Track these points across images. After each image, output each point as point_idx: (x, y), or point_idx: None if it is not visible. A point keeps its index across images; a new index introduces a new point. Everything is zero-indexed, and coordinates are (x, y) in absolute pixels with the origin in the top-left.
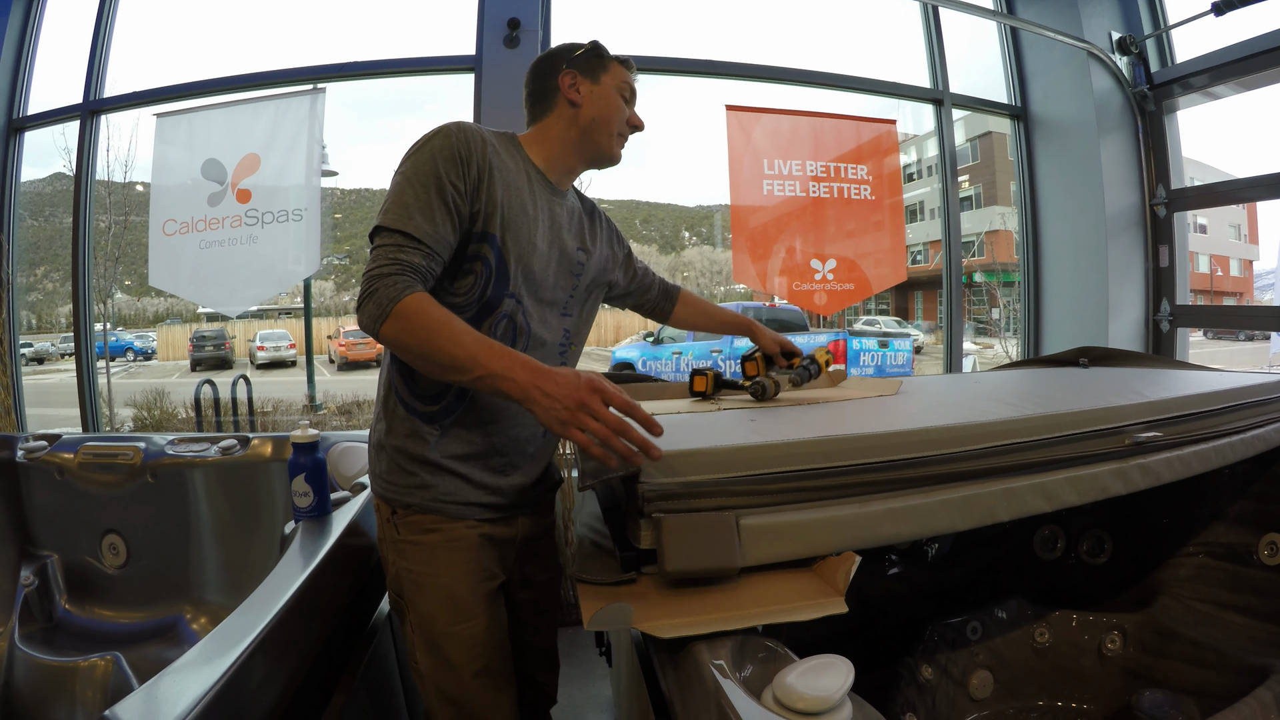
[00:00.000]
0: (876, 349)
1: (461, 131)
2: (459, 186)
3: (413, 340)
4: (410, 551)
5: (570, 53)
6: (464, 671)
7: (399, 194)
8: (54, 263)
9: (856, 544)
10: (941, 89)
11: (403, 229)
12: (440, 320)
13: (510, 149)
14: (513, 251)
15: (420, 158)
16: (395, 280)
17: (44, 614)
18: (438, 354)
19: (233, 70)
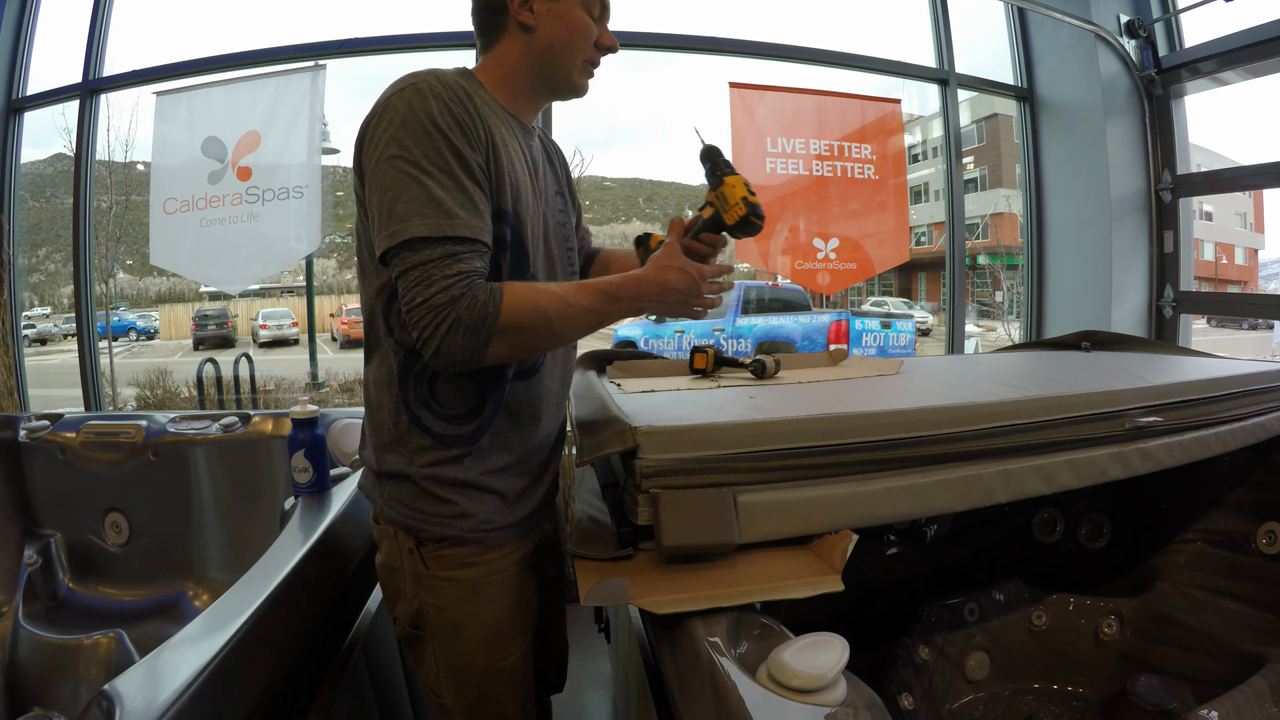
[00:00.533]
0: (879, 329)
1: (449, 88)
2: (478, 160)
3: (533, 342)
4: (445, 589)
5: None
6: (507, 705)
7: (421, 189)
8: (56, 244)
9: (854, 522)
10: (947, 69)
11: (452, 234)
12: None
13: (478, 90)
14: (527, 225)
15: (422, 134)
16: (474, 296)
17: (47, 592)
18: (567, 338)
19: (233, 47)
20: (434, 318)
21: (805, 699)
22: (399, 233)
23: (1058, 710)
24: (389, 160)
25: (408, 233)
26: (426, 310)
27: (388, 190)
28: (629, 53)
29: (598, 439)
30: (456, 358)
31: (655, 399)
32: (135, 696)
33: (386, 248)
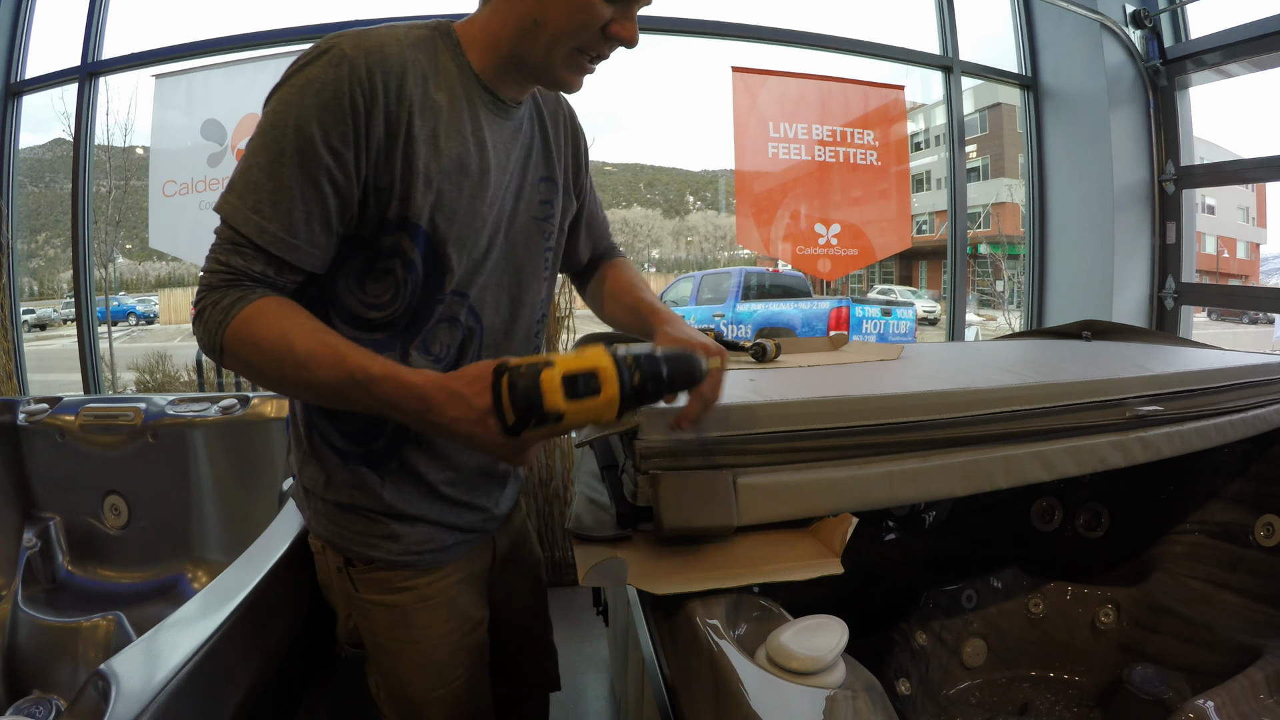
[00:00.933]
0: (879, 316)
1: (361, 55)
2: (343, 157)
3: (263, 382)
4: (375, 614)
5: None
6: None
7: (247, 164)
8: (55, 229)
9: (854, 506)
10: (951, 56)
11: (240, 229)
12: (282, 354)
13: (442, 56)
14: (452, 238)
15: (284, 103)
16: (222, 295)
17: (47, 575)
18: (311, 399)
19: (232, 29)
20: (197, 297)
21: (804, 681)
22: (218, 200)
23: (1053, 698)
24: (260, 119)
25: (217, 205)
26: (198, 287)
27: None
28: None
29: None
30: (201, 347)
31: None
32: (131, 676)
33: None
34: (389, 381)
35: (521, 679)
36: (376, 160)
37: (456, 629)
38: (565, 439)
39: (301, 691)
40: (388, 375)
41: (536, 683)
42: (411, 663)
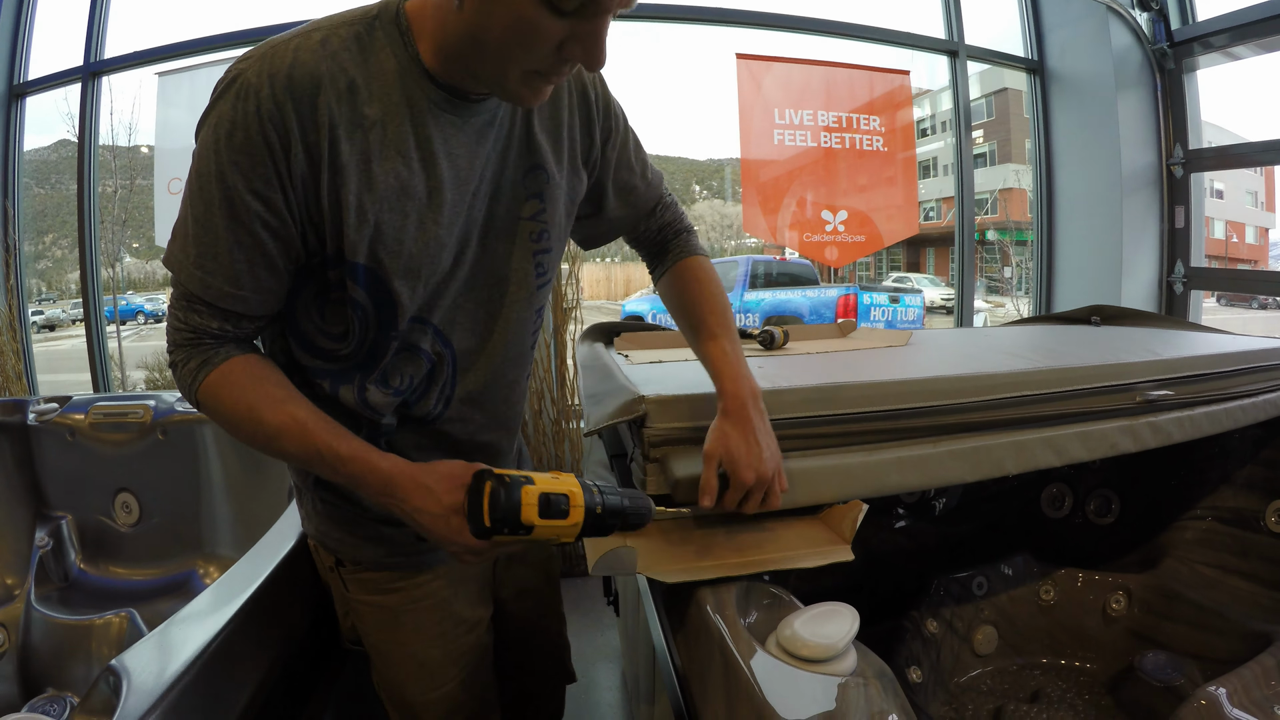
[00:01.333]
0: (887, 304)
1: (267, 83)
2: (271, 200)
3: (239, 439)
4: (366, 614)
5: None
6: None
7: (184, 213)
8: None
9: (864, 492)
10: (957, 40)
11: (188, 285)
12: (252, 423)
13: (379, 54)
14: (398, 271)
15: (205, 147)
16: (186, 358)
17: (59, 574)
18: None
19: (234, 26)
20: (168, 347)
21: (815, 668)
22: (165, 251)
23: (1065, 685)
24: (191, 160)
25: (166, 254)
26: (167, 332)
27: (184, 190)
28: (634, 24)
29: (605, 409)
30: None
31: (663, 369)
32: (142, 671)
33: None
34: (356, 463)
35: (535, 674)
36: (305, 196)
37: (449, 630)
38: (574, 429)
39: (312, 684)
40: (354, 457)
41: (550, 677)
42: (403, 663)
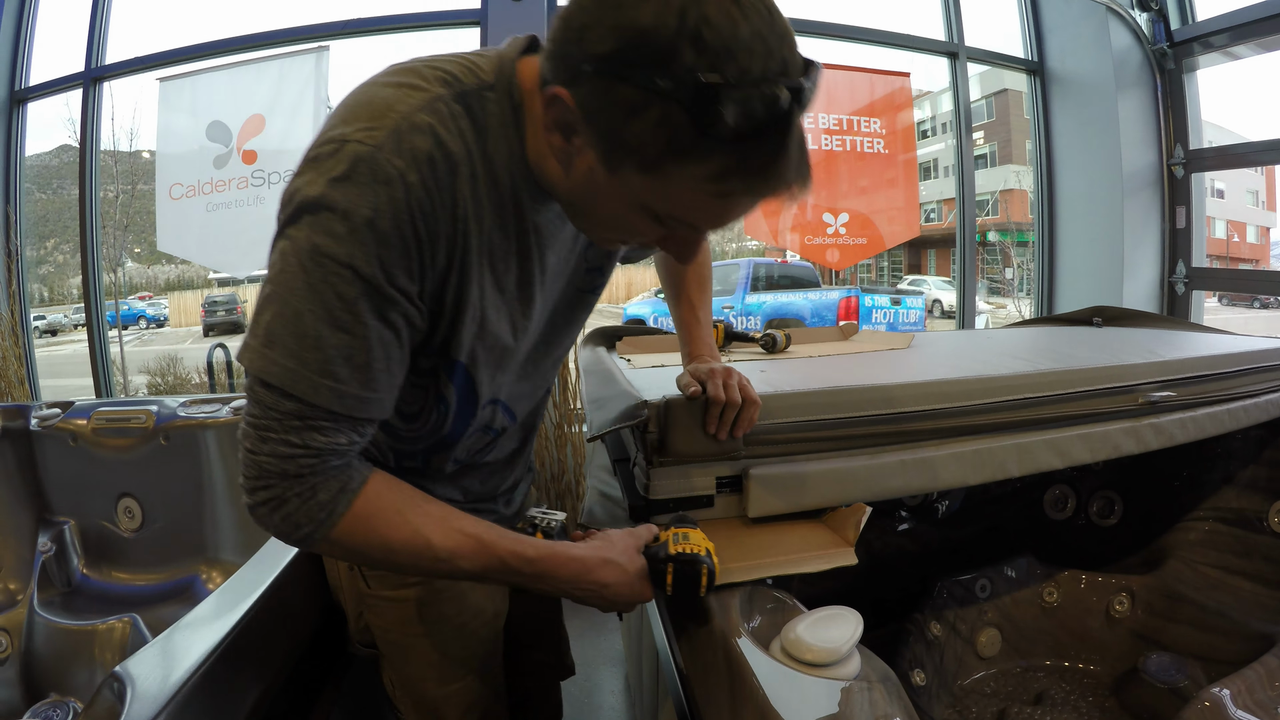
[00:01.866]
0: (889, 306)
1: (413, 168)
2: (409, 291)
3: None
4: (385, 610)
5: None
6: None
7: (292, 312)
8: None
9: (867, 496)
10: (957, 42)
11: (311, 399)
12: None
13: (491, 137)
14: (489, 362)
15: (325, 234)
16: (311, 490)
17: (62, 579)
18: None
19: (235, 31)
20: (255, 478)
21: (819, 673)
22: (255, 357)
23: (1068, 687)
24: (292, 241)
25: (259, 366)
26: (251, 464)
27: (272, 280)
28: None
29: (608, 414)
30: (265, 528)
31: (665, 373)
32: (146, 677)
33: (239, 358)
34: (544, 562)
35: (535, 667)
36: (434, 289)
37: (469, 622)
38: (576, 434)
39: (317, 690)
40: (542, 556)
41: (550, 669)
42: (423, 657)
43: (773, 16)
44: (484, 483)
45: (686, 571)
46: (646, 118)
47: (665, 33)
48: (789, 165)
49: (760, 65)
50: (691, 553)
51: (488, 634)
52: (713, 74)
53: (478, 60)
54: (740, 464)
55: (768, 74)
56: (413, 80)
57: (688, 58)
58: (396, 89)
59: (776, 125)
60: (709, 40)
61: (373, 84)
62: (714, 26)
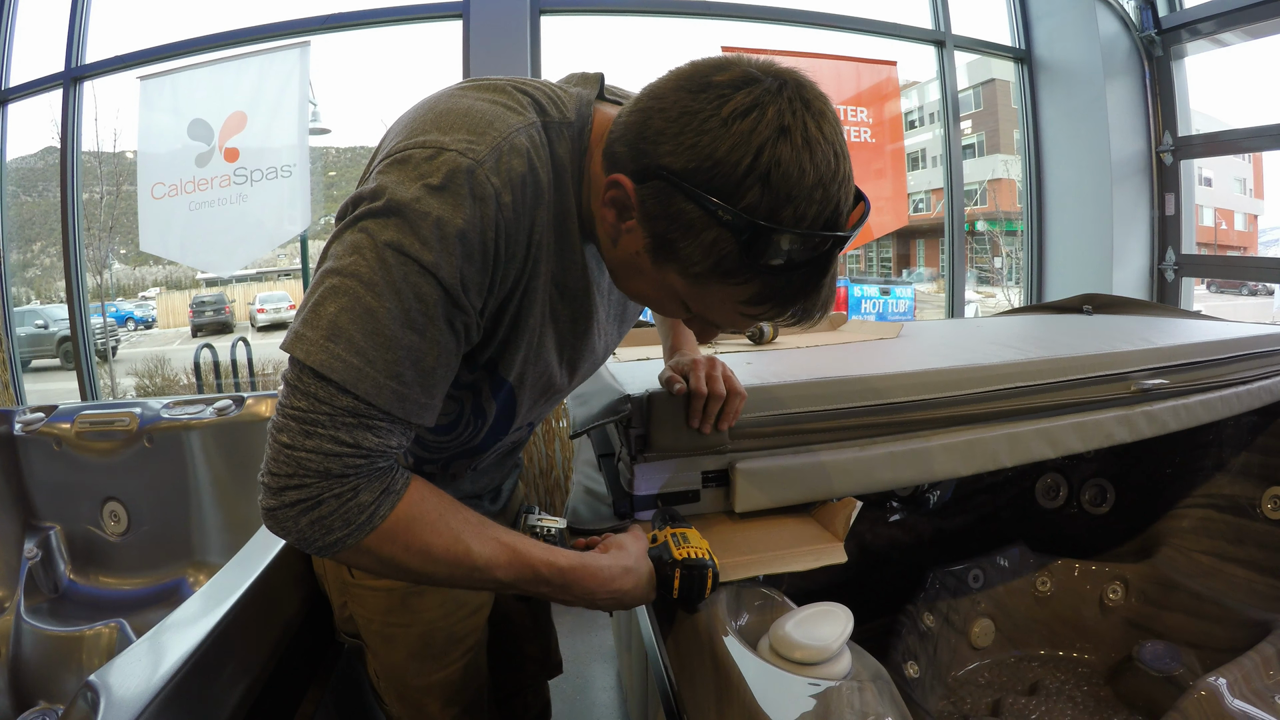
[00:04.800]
0: (878, 295)
1: (507, 188)
2: (477, 306)
3: (394, 574)
4: (370, 599)
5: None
6: (442, 717)
7: (364, 308)
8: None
9: (857, 489)
10: (944, 30)
11: (373, 400)
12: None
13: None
14: (532, 390)
15: (412, 236)
16: (353, 491)
17: (49, 585)
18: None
19: (215, 27)
20: (288, 475)
21: (808, 672)
22: (315, 349)
23: (1063, 677)
24: (373, 236)
25: (320, 359)
26: (288, 460)
27: (339, 271)
28: (619, 18)
29: (591, 409)
30: (284, 534)
31: (649, 366)
32: (122, 685)
33: (284, 346)
34: (575, 571)
35: (522, 662)
36: (499, 308)
37: (453, 612)
38: (564, 429)
39: (306, 682)
40: (573, 566)
41: (538, 665)
42: (407, 647)
43: (839, 163)
44: (474, 481)
45: (694, 576)
46: (701, 238)
47: (739, 167)
48: (819, 300)
49: (816, 211)
50: (697, 557)
51: (471, 626)
52: (772, 218)
53: (560, 94)
54: (726, 458)
55: (820, 220)
56: (507, 101)
57: (752, 195)
58: (493, 105)
59: (817, 265)
60: (775, 183)
61: (462, 95)
62: (783, 170)
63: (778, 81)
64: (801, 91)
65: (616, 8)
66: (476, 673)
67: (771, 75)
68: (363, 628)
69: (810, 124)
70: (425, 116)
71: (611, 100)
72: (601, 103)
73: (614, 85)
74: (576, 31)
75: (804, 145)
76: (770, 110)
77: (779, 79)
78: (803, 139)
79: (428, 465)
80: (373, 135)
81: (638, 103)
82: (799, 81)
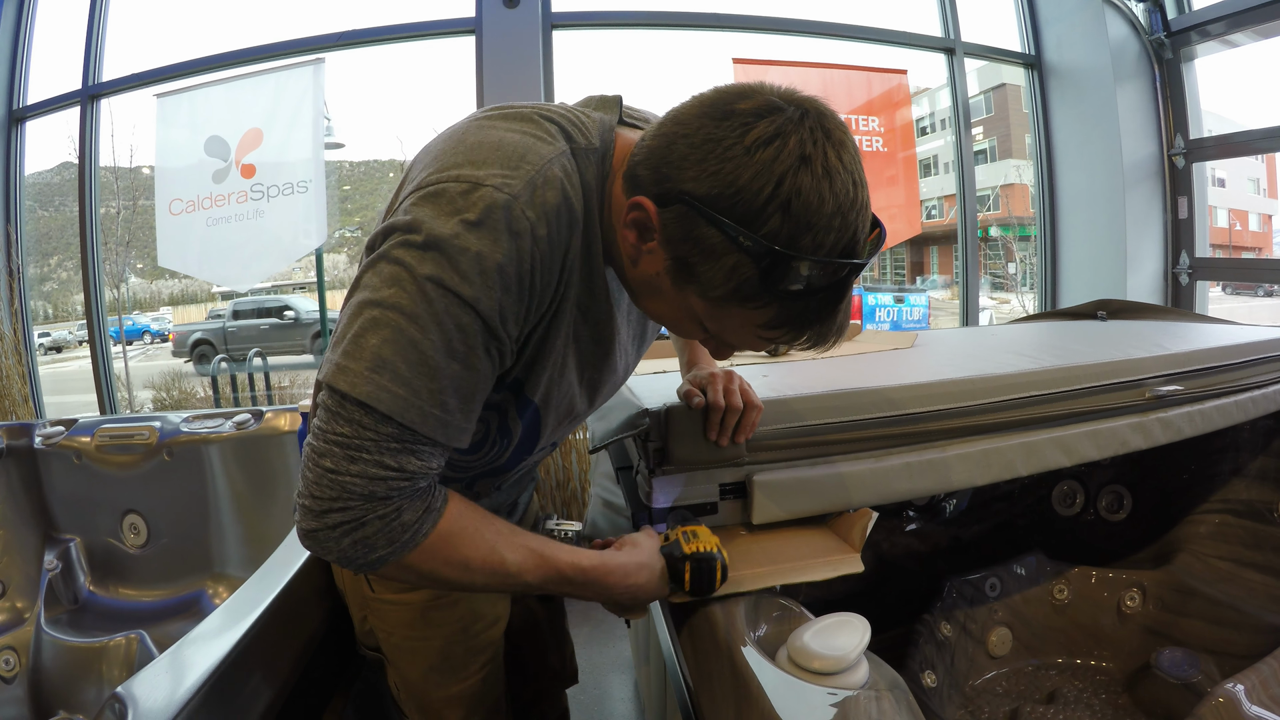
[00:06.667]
0: (892, 304)
1: (543, 222)
2: (512, 335)
3: (428, 584)
4: (390, 613)
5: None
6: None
7: (406, 339)
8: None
9: (873, 500)
10: (953, 38)
11: (418, 427)
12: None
13: (590, 194)
14: (556, 410)
15: (451, 270)
16: (397, 511)
17: (69, 597)
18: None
19: (230, 46)
20: (331, 499)
21: (826, 681)
22: (360, 381)
23: (1081, 685)
24: (412, 270)
25: (365, 391)
26: (331, 484)
27: (379, 304)
28: (630, 31)
29: (610, 424)
30: (325, 553)
31: (667, 380)
32: (149, 697)
33: (325, 379)
34: (596, 570)
35: (538, 671)
36: (529, 335)
37: (471, 626)
38: (581, 440)
39: (329, 693)
40: (594, 565)
41: (554, 675)
42: (425, 660)
43: (857, 191)
44: (494, 499)
45: (703, 568)
46: (721, 263)
47: (760, 195)
48: (834, 325)
49: (834, 239)
50: (706, 550)
51: (489, 638)
52: (791, 245)
53: (583, 119)
54: (744, 470)
55: (839, 248)
56: (536, 131)
57: (773, 223)
58: (524, 136)
59: (834, 291)
60: (796, 211)
61: (491, 127)
62: (804, 198)
63: (800, 111)
64: (823, 121)
65: (628, 21)
66: (495, 684)
67: (794, 104)
68: (383, 641)
69: (830, 153)
70: (456, 149)
71: (629, 123)
72: (621, 127)
73: (631, 107)
74: (588, 45)
75: (824, 174)
76: (792, 140)
77: (801, 108)
78: (823, 168)
79: (454, 484)
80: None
81: (661, 127)
82: (820, 111)
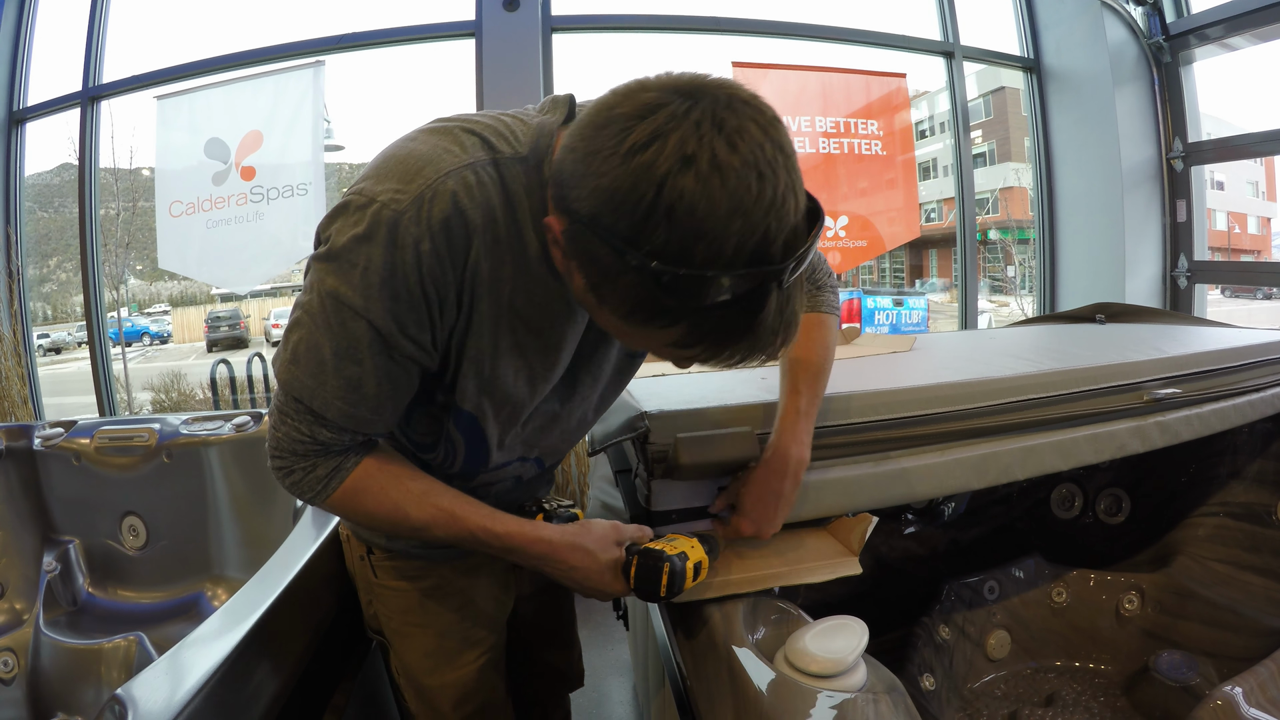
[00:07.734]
0: (891, 307)
1: (427, 235)
2: (422, 339)
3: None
4: (389, 599)
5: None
6: (454, 717)
7: (310, 344)
8: (66, 253)
9: (872, 504)
10: (952, 42)
11: (324, 413)
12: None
13: (519, 202)
14: (496, 419)
15: (345, 284)
16: (311, 465)
17: (68, 598)
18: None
19: (231, 48)
20: (274, 448)
21: (824, 684)
22: (282, 370)
23: (1079, 688)
24: (320, 279)
25: (284, 378)
26: (272, 438)
27: (302, 305)
28: (629, 35)
29: (609, 427)
30: (283, 487)
31: (666, 382)
32: (149, 699)
33: (273, 361)
34: (513, 538)
35: (544, 669)
36: (445, 338)
37: (468, 617)
38: (581, 445)
39: (339, 672)
40: (510, 533)
41: (560, 675)
42: (421, 646)
43: (761, 185)
44: (499, 499)
45: (648, 565)
46: (617, 281)
47: (641, 205)
48: (759, 339)
49: (735, 245)
50: (659, 550)
51: (487, 631)
52: (683, 258)
53: (516, 127)
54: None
55: (744, 253)
56: (448, 144)
57: (659, 236)
58: (431, 149)
59: (748, 303)
60: (681, 219)
61: (412, 140)
62: (688, 203)
63: (687, 103)
64: (715, 109)
65: (628, 25)
66: (491, 678)
67: (683, 95)
68: (384, 625)
69: (720, 147)
70: (376, 161)
71: None
72: (567, 127)
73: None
74: (588, 49)
75: (711, 172)
76: (672, 139)
77: (691, 99)
78: (710, 165)
79: (455, 482)
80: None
81: (567, 139)
82: (716, 97)
